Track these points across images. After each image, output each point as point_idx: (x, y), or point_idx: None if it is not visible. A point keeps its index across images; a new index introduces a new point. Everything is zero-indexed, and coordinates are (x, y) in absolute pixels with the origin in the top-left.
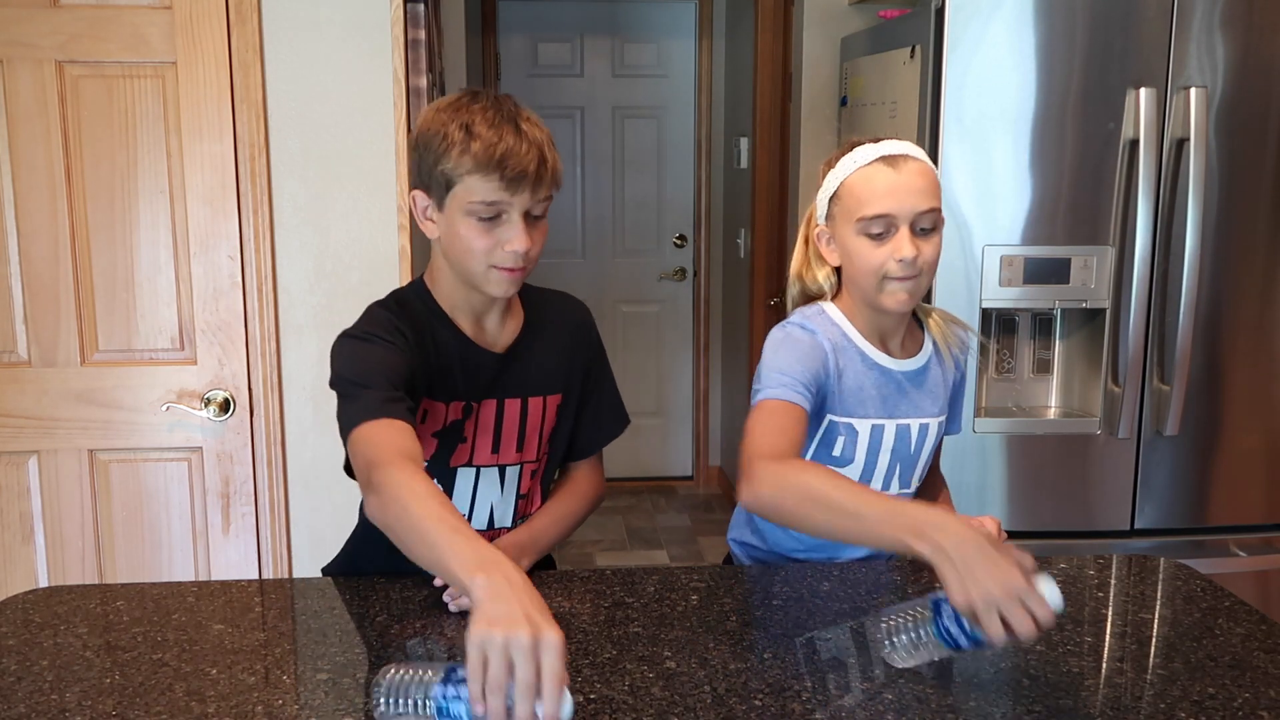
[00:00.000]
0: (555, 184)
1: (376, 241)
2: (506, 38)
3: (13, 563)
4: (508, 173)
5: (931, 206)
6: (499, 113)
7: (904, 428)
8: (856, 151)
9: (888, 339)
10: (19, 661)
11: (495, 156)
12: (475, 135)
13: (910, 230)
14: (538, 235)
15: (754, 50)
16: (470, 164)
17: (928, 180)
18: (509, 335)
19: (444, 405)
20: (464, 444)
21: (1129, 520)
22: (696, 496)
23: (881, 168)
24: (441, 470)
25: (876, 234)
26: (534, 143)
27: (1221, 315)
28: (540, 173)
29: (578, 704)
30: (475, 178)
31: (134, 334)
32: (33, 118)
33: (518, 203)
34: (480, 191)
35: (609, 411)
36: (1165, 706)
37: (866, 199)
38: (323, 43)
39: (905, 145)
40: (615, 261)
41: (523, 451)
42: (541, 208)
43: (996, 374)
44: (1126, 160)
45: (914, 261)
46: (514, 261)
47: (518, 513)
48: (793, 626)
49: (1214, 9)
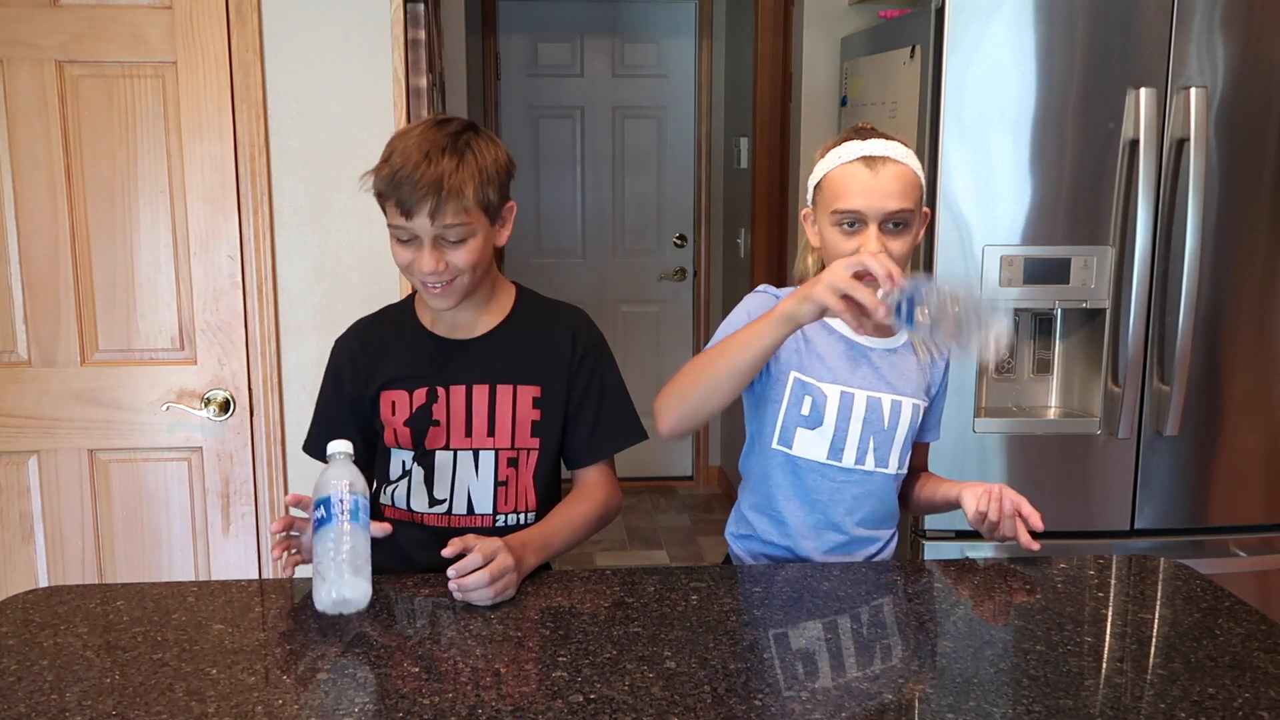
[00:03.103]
0: (461, 213)
1: (376, 241)
2: (506, 38)
3: (13, 563)
4: (402, 198)
5: (902, 208)
6: (430, 143)
7: (875, 400)
8: (844, 146)
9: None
10: (19, 661)
11: (393, 182)
12: (389, 160)
13: (879, 228)
14: (460, 255)
15: (754, 50)
16: (381, 186)
17: (903, 183)
18: (483, 327)
19: (407, 393)
20: (437, 427)
21: (1129, 520)
22: (696, 496)
23: (860, 167)
24: (420, 453)
25: (848, 226)
26: (439, 172)
27: (1221, 315)
28: (436, 202)
29: (578, 704)
30: (385, 200)
31: (134, 334)
32: (33, 117)
33: (419, 227)
34: (390, 214)
35: (617, 420)
36: (1165, 706)
37: (842, 193)
38: (323, 43)
39: (890, 146)
40: (615, 261)
41: (494, 437)
42: (454, 233)
43: (996, 374)
44: (1126, 160)
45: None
46: (429, 279)
47: (499, 501)
48: (793, 627)
49: (1214, 9)
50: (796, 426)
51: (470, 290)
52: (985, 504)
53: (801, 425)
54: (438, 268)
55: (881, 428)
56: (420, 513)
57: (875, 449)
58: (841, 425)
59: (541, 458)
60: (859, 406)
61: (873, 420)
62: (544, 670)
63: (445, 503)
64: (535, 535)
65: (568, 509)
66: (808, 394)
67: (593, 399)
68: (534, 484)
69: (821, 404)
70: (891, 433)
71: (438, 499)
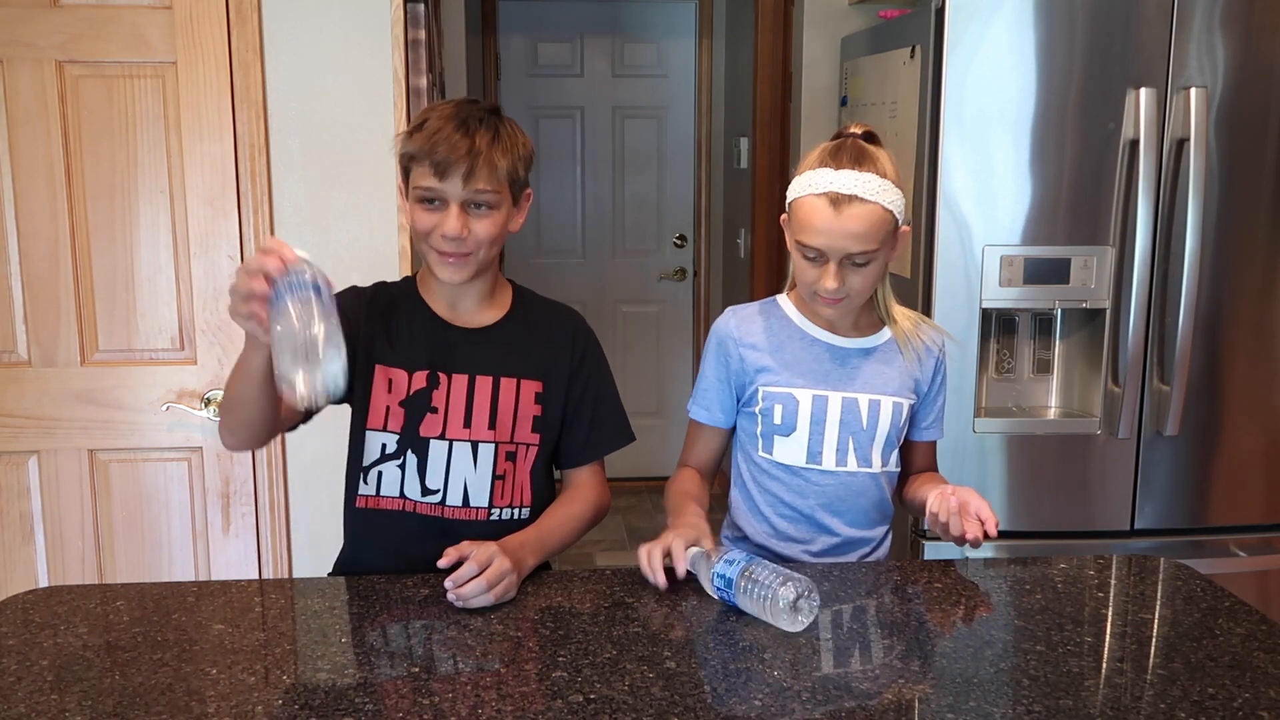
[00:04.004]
0: (493, 181)
1: (376, 241)
2: (506, 38)
3: (13, 563)
4: (437, 159)
5: (863, 249)
6: (466, 113)
7: (851, 401)
8: (817, 174)
9: (835, 324)
10: (19, 661)
11: (429, 144)
12: (424, 125)
13: (839, 265)
14: (483, 225)
15: (754, 50)
16: (413, 148)
17: (866, 225)
18: (487, 319)
19: (406, 374)
20: (434, 414)
21: (1129, 520)
22: None
23: (824, 204)
24: (414, 440)
25: (810, 258)
26: (473, 140)
27: (1221, 315)
28: (472, 165)
29: (578, 704)
30: (417, 163)
31: (134, 334)
32: (33, 118)
33: (450, 190)
34: (419, 176)
35: (610, 423)
36: (1165, 706)
37: (805, 228)
38: (323, 43)
39: (860, 181)
40: (615, 261)
41: (495, 430)
42: (484, 199)
43: (996, 374)
44: (1126, 160)
45: (836, 290)
46: (448, 245)
47: (495, 495)
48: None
49: (1214, 9)
50: (773, 435)
51: (483, 268)
52: (938, 504)
53: (777, 433)
54: (461, 231)
55: (860, 428)
56: (414, 500)
57: (856, 449)
58: (816, 429)
59: (540, 453)
60: (834, 409)
61: (849, 421)
62: (544, 670)
63: (439, 493)
64: (532, 536)
65: (563, 509)
66: (777, 403)
67: (589, 399)
68: (530, 479)
69: (793, 410)
70: (871, 432)
71: (430, 488)
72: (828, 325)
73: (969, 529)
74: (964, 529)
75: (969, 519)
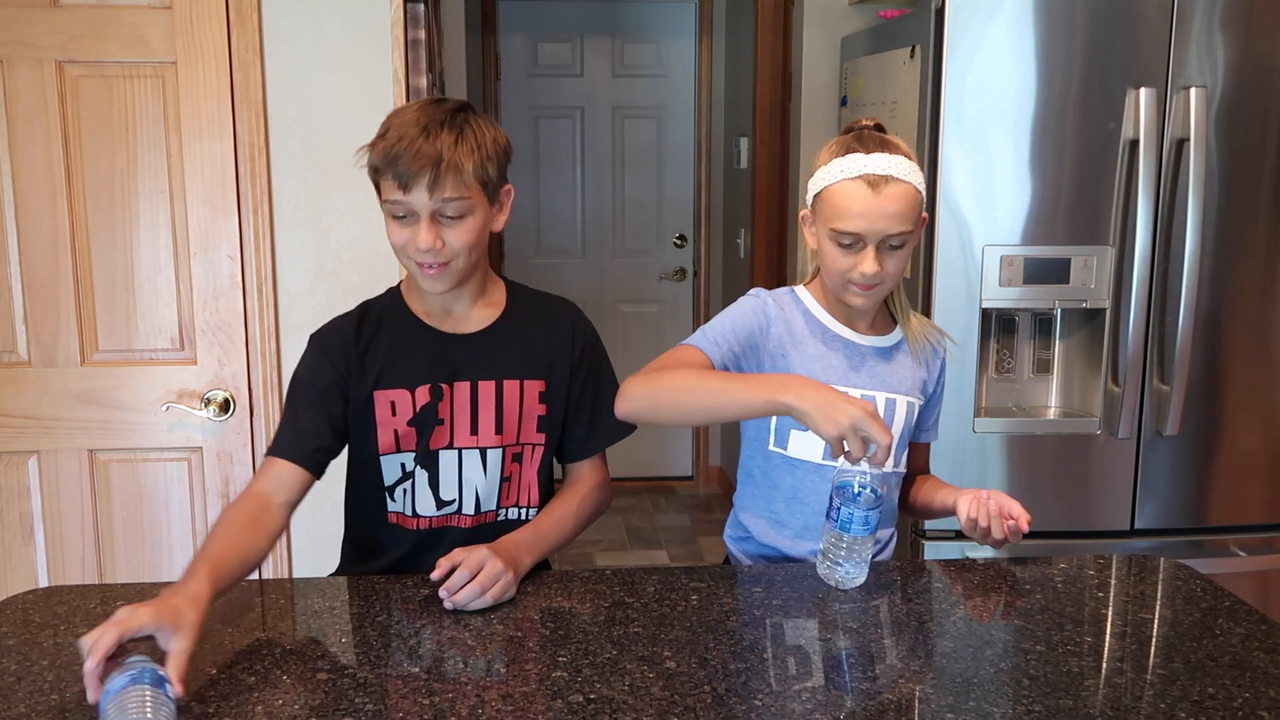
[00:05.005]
0: (461, 187)
1: (376, 241)
2: (506, 38)
3: (13, 563)
4: (400, 171)
5: (902, 230)
6: (428, 118)
7: (870, 399)
8: (848, 159)
9: (855, 321)
10: (19, 661)
11: (391, 155)
12: (386, 134)
13: (877, 249)
14: (457, 233)
15: (754, 50)
16: (376, 160)
17: (904, 204)
18: (481, 321)
19: (409, 392)
20: (441, 426)
21: (1129, 520)
22: (696, 496)
23: (862, 187)
24: (424, 454)
25: (846, 244)
26: (436, 146)
27: (1221, 315)
28: (436, 174)
29: (578, 704)
30: (382, 176)
31: (134, 334)
32: (33, 118)
33: (417, 202)
34: (386, 189)
35: (609, 416)
36: (1165, 706)
37: (841, 213)
38: (323, 43)
39: (893, 163)
40: (615, 261)
41: (502, 434)
42: (453, 208)
43: (996, 374)
44: (1126, 160)
45: (875, 275)
46: (424, 258)
47: (503, 497)
48: (793, 627)
49: (1214, 9)
50: (790, 429)
51: (466, 275)
52: (975, 510)
53: (795, 427)
54: (434, 244)
55: None
56: (428, 517)
57: None
58: None
59: (545, 452)
60: None
61: None
62: (544, 670)
63: (454, 503)
64: (529, 536)
65: (561, 505)
66: None
67: (590, 391)
68: (537, 478)
69: None
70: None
71: (445, 500)
72: (847, 321)
73: (1010, 537)
74: (1004, 531)
75: (1006, 520)
